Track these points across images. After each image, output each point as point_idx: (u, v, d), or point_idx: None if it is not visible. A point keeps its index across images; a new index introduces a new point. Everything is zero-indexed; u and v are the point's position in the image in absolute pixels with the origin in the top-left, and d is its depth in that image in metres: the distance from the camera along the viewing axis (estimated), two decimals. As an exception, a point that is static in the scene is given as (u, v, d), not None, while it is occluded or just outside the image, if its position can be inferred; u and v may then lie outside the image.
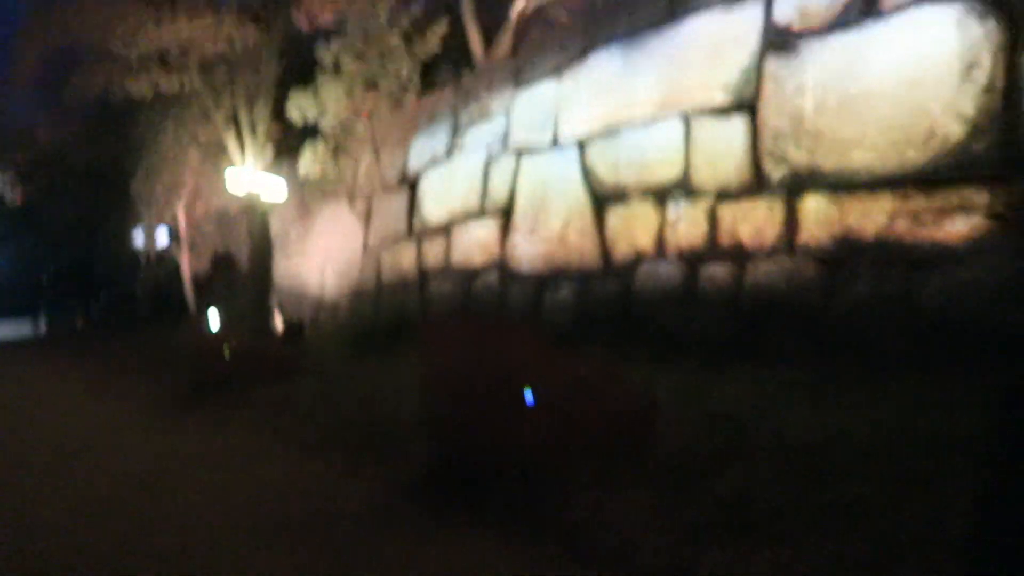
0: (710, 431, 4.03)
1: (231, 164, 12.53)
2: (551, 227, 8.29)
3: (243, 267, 15.35)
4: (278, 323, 12.23)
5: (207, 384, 8.19)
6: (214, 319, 12.88)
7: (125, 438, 6.13)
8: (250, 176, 12.08)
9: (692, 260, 6.71)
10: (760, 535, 2.76)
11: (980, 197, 4.89)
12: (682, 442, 3.94)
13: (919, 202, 5.19)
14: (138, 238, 19.32)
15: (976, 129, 4.93)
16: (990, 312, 4.70)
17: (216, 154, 13.15)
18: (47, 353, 17.21)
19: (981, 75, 4.93)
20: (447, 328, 4.65)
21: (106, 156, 18.31)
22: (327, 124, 12.09)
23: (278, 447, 5.44)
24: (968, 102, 4.97)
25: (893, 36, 5.40)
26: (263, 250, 12.45)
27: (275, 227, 14.52)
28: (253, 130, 12.20)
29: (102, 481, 4.73)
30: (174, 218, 17.56)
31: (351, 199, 12.91)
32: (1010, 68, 4.84)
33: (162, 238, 18.58)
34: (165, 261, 19.14)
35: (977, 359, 4.69)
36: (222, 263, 17.48)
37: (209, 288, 17.44)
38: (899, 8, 5.40)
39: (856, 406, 4.12)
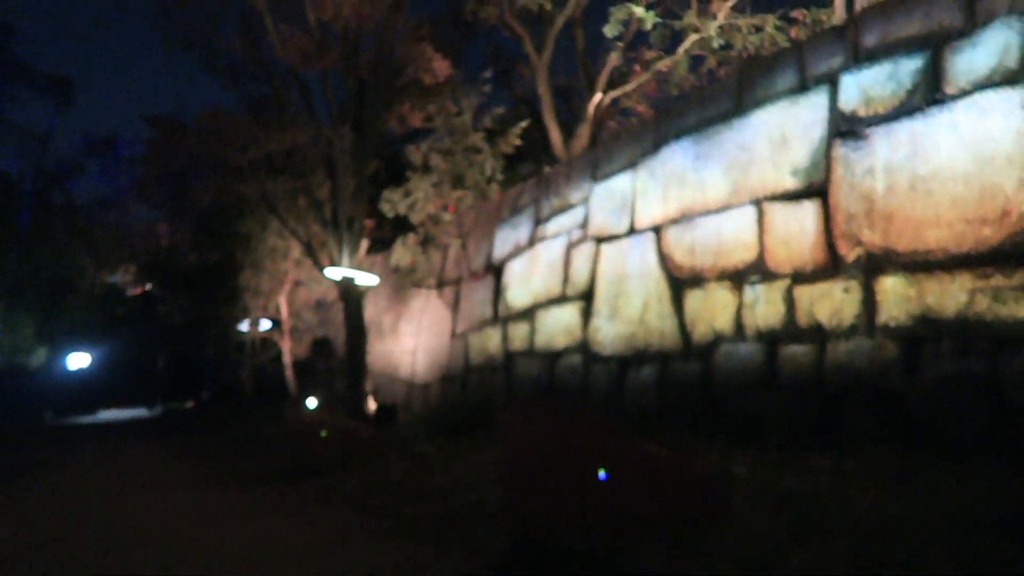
0: (785, 513, 4.09)
1: (329, 256, 13.41)
2: (631, 310, 8.51)
3: (339, 352, 16.11)
4: (371, 405, 12.73)
5: (302, 466, 8.64)
6: (312, 402, 13.54)
7: (220, 519, 6.52)
8: (346, 267, 12.87)
9: (770, 341, 6.79)
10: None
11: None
12: (757, 523, 4.02)
13: (998, 280, 5.18)
14: (244, 327, 20.57)
15: (1051, 206, 4.94)
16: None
17: (315, 247, 14.09)
18: (158, 433, 18.30)
19: (1052, 153, 4.98)
20: (526, 411, 4.89)
21: (217, 252, 19.84)
22: (417, 217, 12.85)
23: (369, 526, 5.72)
24: (1040, 180, 5.01)
25: (959, 119, 5.53)
26: (358, 336, 13.12)
27: (369, 314, 15.25)
28: (349, 225, 13.08)
29: (196, 559, 5.10)
30: (276, 308, 18.69)
31: (440, 287, 13.52)
32: (1081, 146, 4.88)
33: (265, 326, 19.73)
34: (268, 348, 20.26)
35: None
36: (320, 349, 18.37)
37: (308, 372, 18.32)
38: (963, 93, 5.54)
39: (931, 490, 4.11)
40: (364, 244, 14.49)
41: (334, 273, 13.04)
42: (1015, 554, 2.98)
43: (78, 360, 30.08)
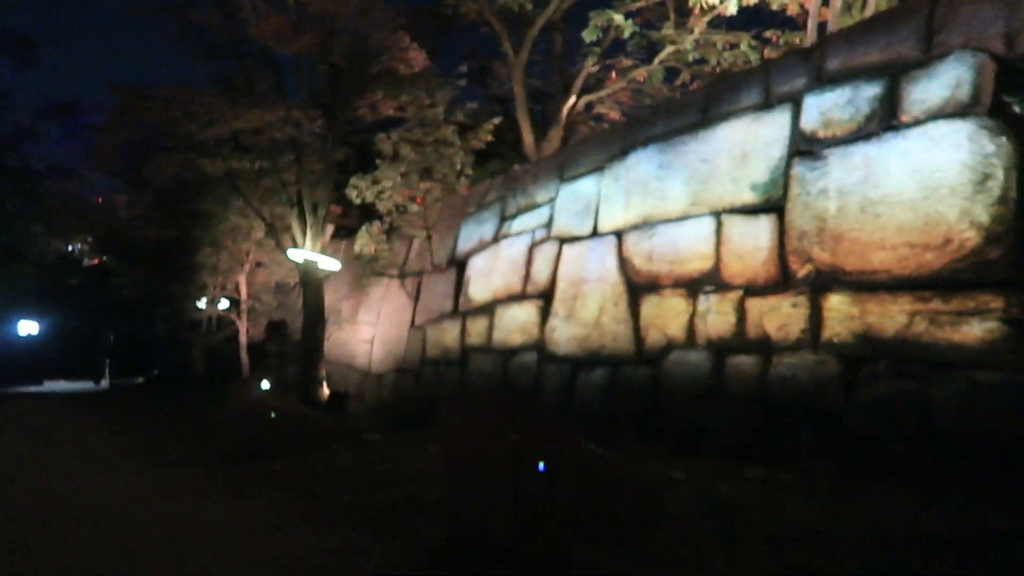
0: (716, 520, 4.20)
1: (292, 239, 13.30)
2: (587, 312, 8.60)
3: (296, 336, 15.98)
4: (324, 392, 12.66)
5: (246, 449, 8.56)
6: (264, 385, 13.41)
7: (152, 498, 6.43)
8: (308, 251, 12.79)
9: (719, 350, 6.92)
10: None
11: (996, 302, 5.06)
12: (689, 528, 4.12)
13: (937, 304, 5.36)
14: (200, 305, 20.27)
15: (991, 236, 5.14)
16: (1001, 418, 4.80)
17: (279, 229, 13.95)
18: (103, 408, 17.94)
19: (995, 186, 5.17)
20: (469, 405, 4.92)
21: (177, 227, 19.49)
22: (384, 206, 12.81)
23: (308, 511, 5.71)
24: (982, 211, 5.20)
25: (911, 147, 5.71)
26: (316, 321, 13.03)
27: (329, 300, 15.15)
28: (314, 209, 12.98)
29: (122, 538, 5.04)
30: (235, 287, 18.46)
31: (402, 277, 13.49)
32: (1021, 182, 5.07)
33: (222, 304, 19.48)
34: (223, 328, 20.00)
35: (982, 467, 4.80)
36: (277, 332, 18.20)
37: (263, 355, 18.13)
38: (916, 122, 5.72)
39: (858, 505, 4.26)
40: (329, 229, 14.40)
41: (296, 255, 12.94)
42: (923, 567, 3.12)
43: (25, 329, 29.36)
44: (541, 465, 3.94)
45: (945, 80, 5.61)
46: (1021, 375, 4.86)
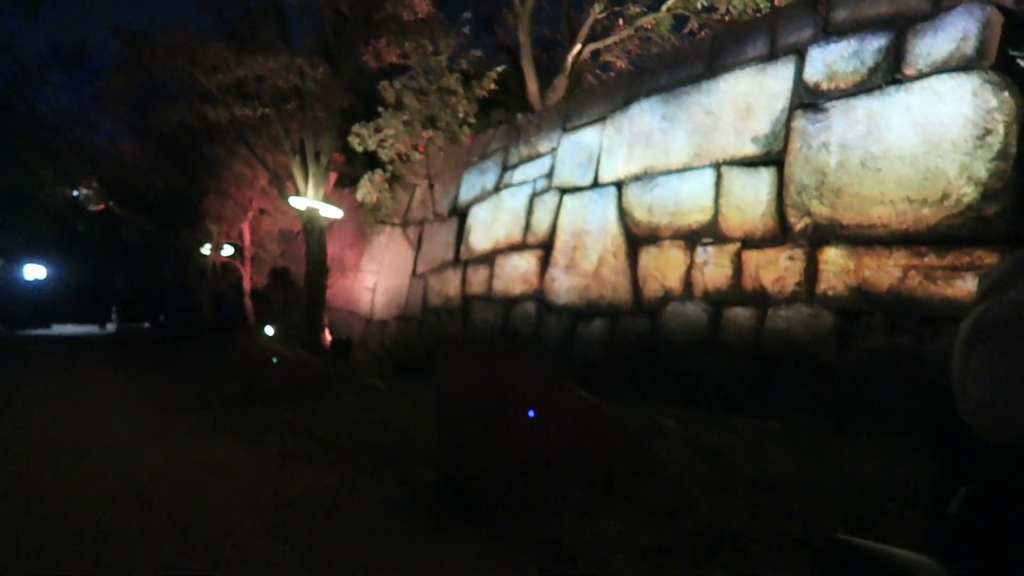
0: (703, 466, 4.31)
1: (296, 187, 13.30)
2: (587, 263, 8.65)
3: (299, 284, 16.10)
4: (327, 338, 12.82)
5: (251, 393, 8.73)
6: (268, 331, 13.59)
7: (160, 437, 6.61)
8: (311, 199, 12.80)
9: (716, 302, 6.99)
10: (714, 558, 3.07)
11: (990, 258, 5.09)
12: (676, 474, 4.23)
13: (931, 259, 5.39)
14: (205, 251, 20.38)
15: (989, 192, 5.14)
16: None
17: (283, 177, 13.94)
18: (111, 352, 18.21)
19: (995, 142, 5.15)
20: (465, 352, 5.02)
21: (182, 175, 19.48)
22: (386, 155, 12.76)
23: (309, 452, 5.87)
24: (982, 167, 5.19)
25: (914, 101, 5.67)
26: (319, 269, 13.11)
27: (332, 249, 15.21)
28: (317, 157, 12.94)
29: (132, 473, 5.21)
30: (240, 235, 18.53)
31: (404, 226, 13.52)
32: (1022, 137, 5.05)
33: (227, 253, 19.57)
34: (228, 274, 20.14)
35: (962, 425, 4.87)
36: (281, 279, 18.32)
37: (267, 301, 18.30)
38: (921, 76, 5.67)
39: (843, 455, 4.36)
40: (332, 178, 14.37)
41: (299, 203, 12.96)
42: (895, 513, 3.24)
43: (34, 273, 29.57)
44: (531, 412, 4.04)
45: (951, 33, 5.54)
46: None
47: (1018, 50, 5.23)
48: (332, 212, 13.34)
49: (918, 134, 5.60)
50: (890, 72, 5.90)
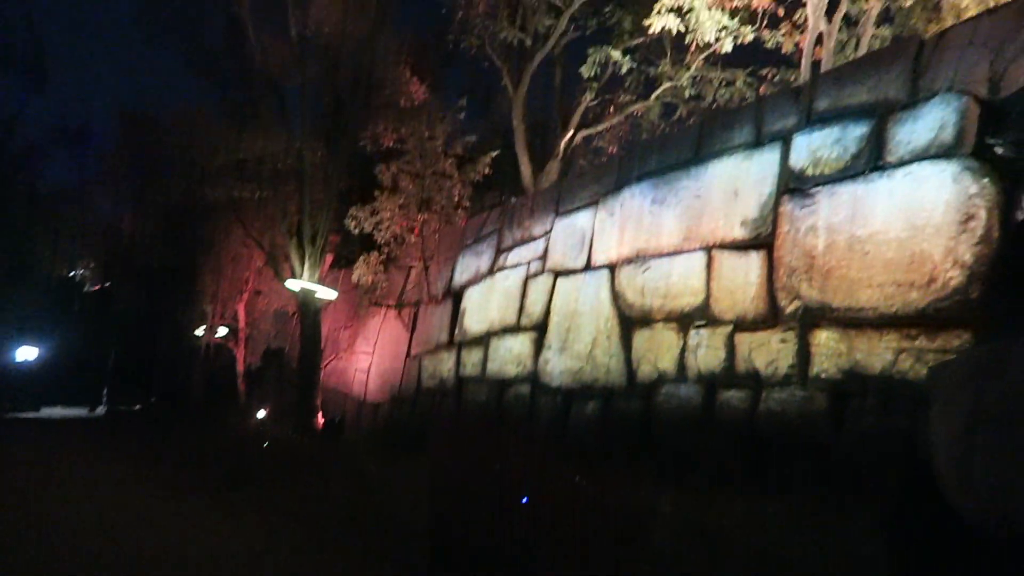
0: (696, 547, 4.22)
1: (291, 268, 13.41)
2: (581, 344, 8.66)
3: (293, 365, 16.01)
4: (319, 420, 12.67)
5: (241, 475, 8.59)
6: (260, 412, 13.45)
7: (155, 522, 6.46)
8: (307, 280, 12.89)
9: (710, 384, 6.97)
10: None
11: (978, 340, 5.11)
12: (668, 555, 4.14)
13: (922, 341, 5.42)
14: (199, 330, 20.33)
15: (973, 276, 5.21)
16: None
17: (279, 258, 14.07)
18: (101, 434, 17.90)
19: (978, 227, 5.26)
20: (460, 432, 4.99)
21: (179, 253, 19.64)
22: (381, 237, 12.94)
23: (296, 536, 5.74)
24: (966, 251, 5.28)
25: (897, 187, 5.81)
26: (313, 349, 13.08)
27: (326, 329, 15.22)
28: (314, 239, 13.11)
29: (129, 560, 5.07)
30: (234, 314, 18.54)
31: (399, 307, 13.57)
32: (1004, 222, 5.17)
33: (221, 332, 19.53)
34: (222, 354, 20.04)
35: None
36: (274, 359, 18.24)
37: (260, 382, 18.15)
38: (902, 162, 5.83)
39: (837, 537, 4.28)
40: (328, 259, 14.52)
41: (294, 285, 13.04)
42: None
43: (24, 354, 29.35)
44: (525, 498, 3.98)
45: (930, 122, 5.73)
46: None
47: (995, 138, 5.41)
48: (327, 293, 13.41)
49: (902, 218, 5.72)
50: (873, 158, 6.07)
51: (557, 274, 9.49)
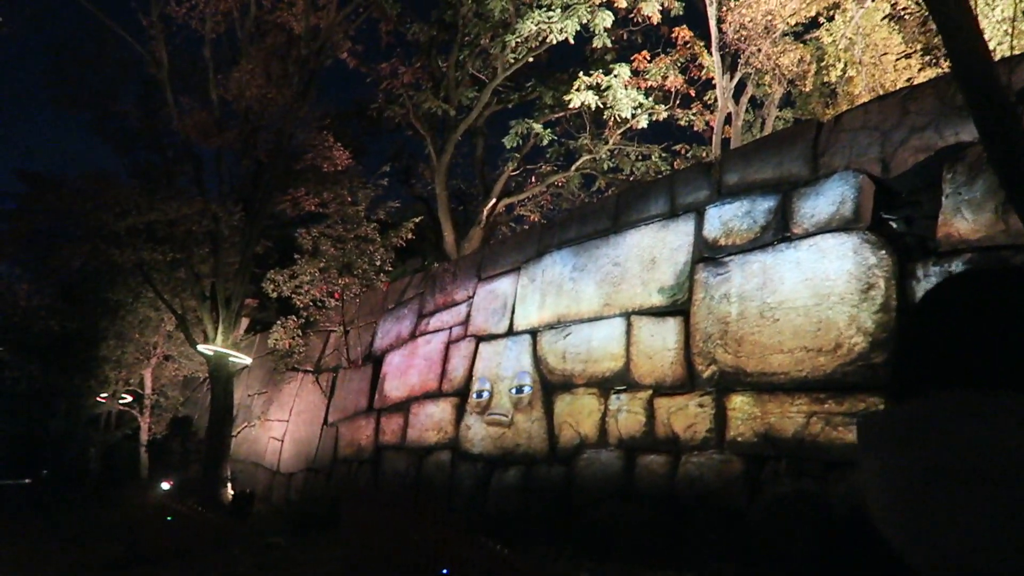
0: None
1: (204, 332, 12.92)
2: (503, 410, 8.60)
3: (202, 434, 15.28)
4: (228, 493, 12.05)
5: (138, 555, 8.02)
6: (164, 486, 12.71)
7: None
8: (220, 345, 12.43)
9: (630, 449, 7.00)
10: None
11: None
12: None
13: (831, 405, 5.62)
14: (101, 400, 19.20)
15: (876, 342, 5.48)
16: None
17: (190, 322, 13.56)
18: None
19: (878, 295, 5.56)
20: (374, 507, 4.82)
21: (81, 318, 18.65)
22: (301, 301, 12.68)
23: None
24: (868, 318, 5.56)
25: (803, 257, 6.11)
26: (223, 417, 12.52)
27: (239, 396, 14.66)
28: (228, 302, 12.70)
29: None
30: (140, 381, 17.65)
31: (316, 373, 13.22)
32: (901, 291, 5.48)
33: (124, 399, 18.52)
34: (124, 423, 18.95)
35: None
36: (182, 428, 17.37)
37: (165, 453, 17.19)
38: (807, 234, 6.15)
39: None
40: (243, 323, 14.09)
41: (207, 349, 12.55)
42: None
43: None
44: (444, 571, 3.86)
45: (831, 197, 6.09)
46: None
47: (890, 213, 5.79)
48: (241, 358, 12.96)
49: (809, 287, 6.00)
50: (780, 230, 6.39)
51: (479, 339, 9.48)
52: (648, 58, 13.18)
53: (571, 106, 12.73)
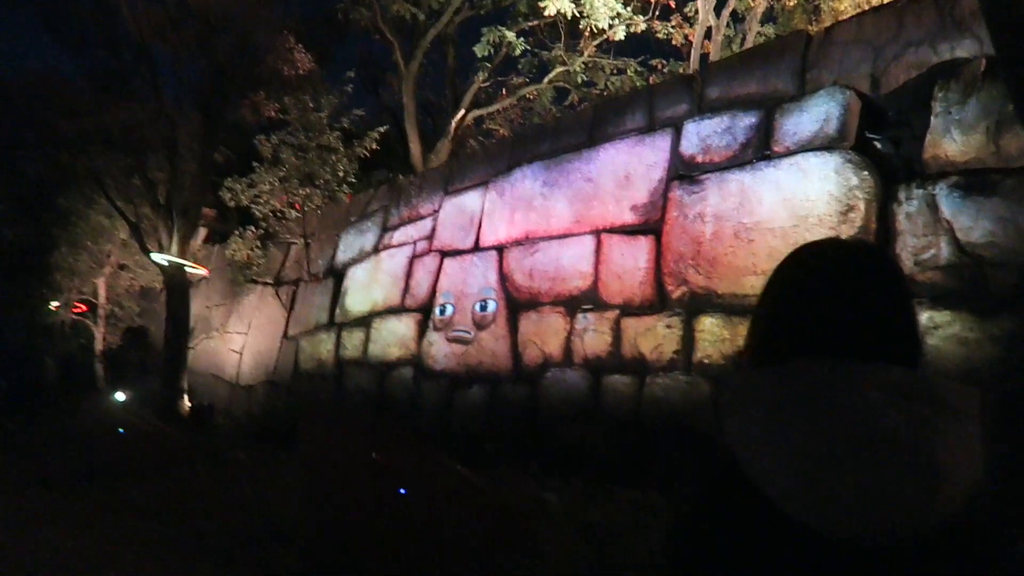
0: (588, 546, 4.09)
1: (159, 242, 12.43)
2: (466, 327, 8.42)
3: (159, 346, 14.95)
4: (186, 405, 11.86)
5: (95, 469, 7.83)
6: (120, 397, 12.46)
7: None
8: (175, 255, 11.98)
9: (596, 369, 6.90)
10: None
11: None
12: (561, 555, 3.98)
13: (802, 330, 5.50)
14: (54, 310, 18.65)
15: (852, 267, 5.32)
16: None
17: (146, 231, 13.03)
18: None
19: (857, 218, 5.38)
20: (334, 423, 4.63)
21: (34, 226, 17.90)
22: (260, 211, 12.21)
23: (154, 539, 5.22)
24: (845, 242, 5.38)
25: (783, 177, 5.88)
26: (180, 329, 12.20)
27: (198, 308, 14.30)
28: (185, 211, 12.18)
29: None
30: (94, 291, 17.13)
31: (277, 286, 12.87)
32: (882, 214, 5.31)
33: (78, 309, 18.01)
34: (80, 334, 18.49)
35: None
36: (138, 340, 16.99)
37: (123, 364, 16.86)
38: (789, 153, 5.91)
39: (720, 537, 4.25)
40: (201, 233, 13.60)
41: (161, 259, 12.10)
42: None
43: None
44: (402, 490, 3.71)
45: (815, 114, 5.83)
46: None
47: (876, 133, 5.56)
48: (198, 270, 12.54)
49: (787, 208, 5.80)
50: (760, 148, 6.14)
51: (444, 254, 9.21)
52: (628, -36, 12.53)
53: (546, 14, 12.11)
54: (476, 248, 8.71)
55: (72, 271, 16.75)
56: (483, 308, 8.26)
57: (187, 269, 12.14)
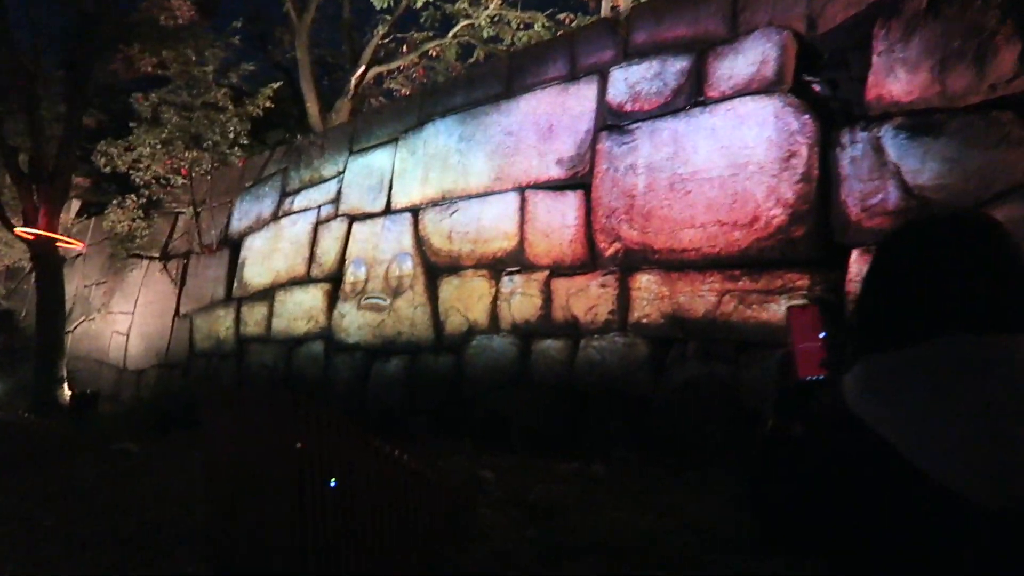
0: (535, 527, 3.68)
1: (24, 215, 11.11)
2: (380, 295, 7.83)
3: (30, 330, 13.55)
4: (66, 394, 10.73)
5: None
6: (-13, 389, 11.19)
7: None
8: (43, 228, 10.73)
9: (526, 335, 6.49)
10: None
11: (801, 280, 5.01)
12: (505, 540, 3.55)
13: (745, 283, 5.25)
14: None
15: (796, 215, 5.09)
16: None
17: (6, 203, 11.63)
18: None
19: (799, 164, 5.13)
20: (239, 404, 4.01)
21: None
22: (141, 178, 11.08)
23: (29, 549, 4.47)
24: (788, 189, 5.14)
25: (719, 123, 5.57)
26: (54, 311, 10.98)
27: (75, 287, 13.02)
28: (52, 179, 10.90)
29: None
30: (-49, 272, 15.38)
31: (164, 260, 11.80)
32: (824, 160, 5.07)
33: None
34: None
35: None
36: (5, 324, 15.39)
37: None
38: (724, 98, 5.59)
39: (675, 503, 3.95)
40: (75, 205, 12.30)
41: (27, 234, 10.81)
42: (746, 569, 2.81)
43: None
44: (333, 482, 3.17)
45: (750, 57, 5.52)
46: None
47: (814, 75, 5.30)
48: (71, 244, 11.31)
49: (725, 156, 5.50)
50: (693, 94, 5.80)
51: (353, 219, 8.53)
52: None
53: (450, -38, 11.42)
54: (388, 211, 8.08)
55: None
56: (399, 275, 7.68)
57: (59, 244, 10.90)
